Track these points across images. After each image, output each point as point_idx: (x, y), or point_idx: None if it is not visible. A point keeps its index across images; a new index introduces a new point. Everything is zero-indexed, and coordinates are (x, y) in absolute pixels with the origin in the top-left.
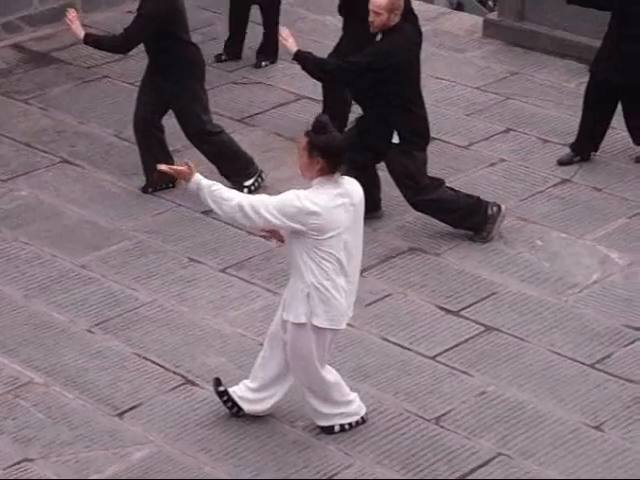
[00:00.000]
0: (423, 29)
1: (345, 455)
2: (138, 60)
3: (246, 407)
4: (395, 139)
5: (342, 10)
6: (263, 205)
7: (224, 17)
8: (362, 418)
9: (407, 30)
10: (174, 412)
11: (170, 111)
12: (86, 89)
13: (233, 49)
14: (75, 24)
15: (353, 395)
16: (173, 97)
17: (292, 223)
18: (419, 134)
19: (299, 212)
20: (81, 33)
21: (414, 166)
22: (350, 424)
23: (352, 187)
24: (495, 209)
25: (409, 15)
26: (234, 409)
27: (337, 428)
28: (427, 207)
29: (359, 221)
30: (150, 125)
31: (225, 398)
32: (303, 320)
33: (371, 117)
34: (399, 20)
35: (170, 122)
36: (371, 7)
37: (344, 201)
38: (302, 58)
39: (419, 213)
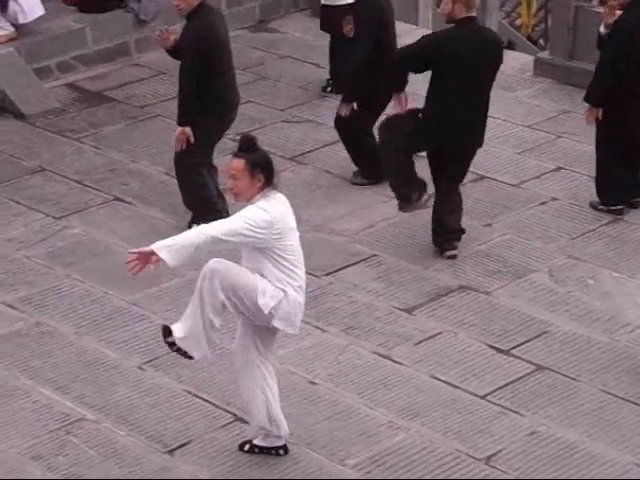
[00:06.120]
0: None
1: None
2: None
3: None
4: None
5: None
6: (231, 227)
7: (273, 56)
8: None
9: None
10: (224, 450)
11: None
12: (138, 128)
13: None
14: None
15: None
16: None
17: (264, 232)
18: None
19: (268, 220)
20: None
21: None
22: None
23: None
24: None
25: None
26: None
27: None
28: None
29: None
30: None
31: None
32: None
33: None
34: None
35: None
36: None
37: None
38: None
39: (470, 251)
